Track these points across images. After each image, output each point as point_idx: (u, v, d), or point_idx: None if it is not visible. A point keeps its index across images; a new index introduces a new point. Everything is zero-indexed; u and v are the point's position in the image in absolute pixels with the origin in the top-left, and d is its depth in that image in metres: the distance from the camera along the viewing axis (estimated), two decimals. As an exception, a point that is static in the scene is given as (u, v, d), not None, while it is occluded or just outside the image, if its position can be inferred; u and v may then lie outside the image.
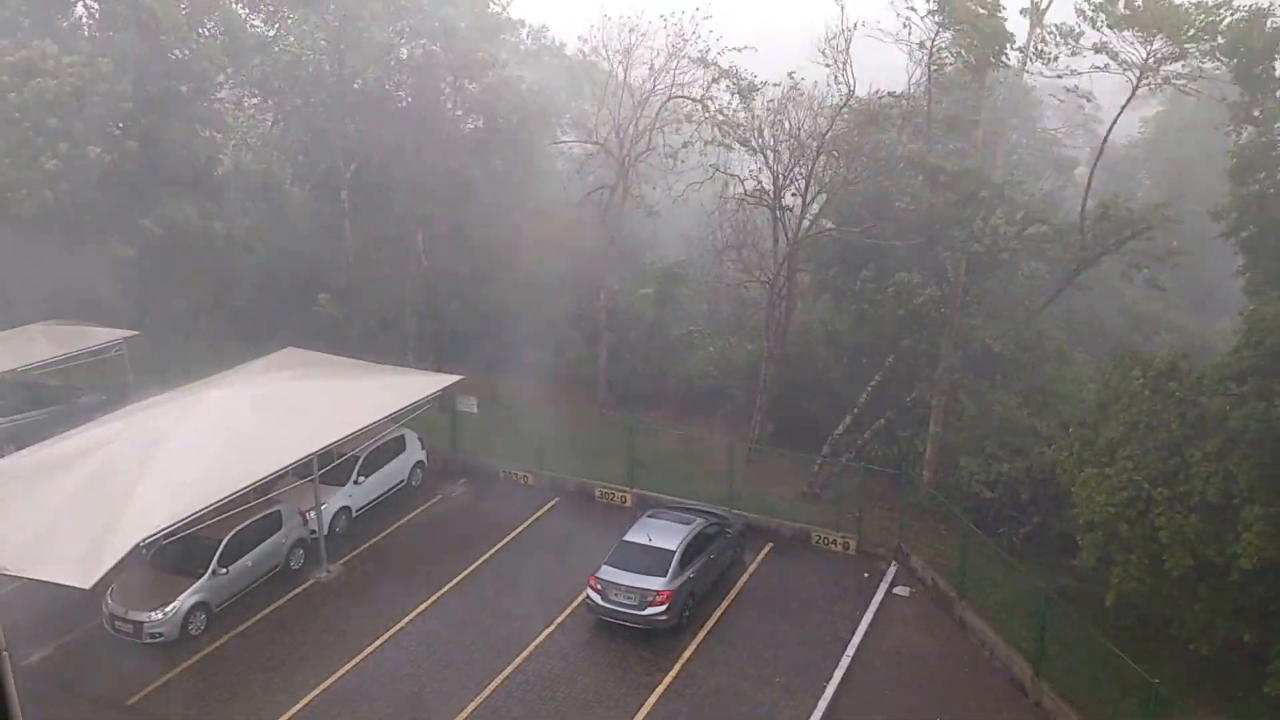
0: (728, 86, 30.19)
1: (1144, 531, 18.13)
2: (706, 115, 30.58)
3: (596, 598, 20.86)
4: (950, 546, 23.76)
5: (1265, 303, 18.58)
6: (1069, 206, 26.24)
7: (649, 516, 22.95)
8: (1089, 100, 25.64)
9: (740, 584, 23.19)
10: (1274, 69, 19.78)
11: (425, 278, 35.29)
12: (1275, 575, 16.79)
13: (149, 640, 19.93)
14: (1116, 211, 23.56)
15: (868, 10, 28.07)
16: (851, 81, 27.61)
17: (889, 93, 28.72)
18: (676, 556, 20.99)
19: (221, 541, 21.08)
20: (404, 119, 35.28)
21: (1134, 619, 20.10)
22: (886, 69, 29.73)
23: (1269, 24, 20.15)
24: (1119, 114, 24.42)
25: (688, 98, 31.85)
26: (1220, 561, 17.33)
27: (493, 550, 24.46)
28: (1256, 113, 19.99)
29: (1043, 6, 24.71)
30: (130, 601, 20.19)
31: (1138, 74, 23.19)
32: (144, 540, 18.27)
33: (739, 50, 30.18)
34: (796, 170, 28.97)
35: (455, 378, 27.60)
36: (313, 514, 23.52)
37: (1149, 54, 22.67)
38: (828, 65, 27.71)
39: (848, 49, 27.38)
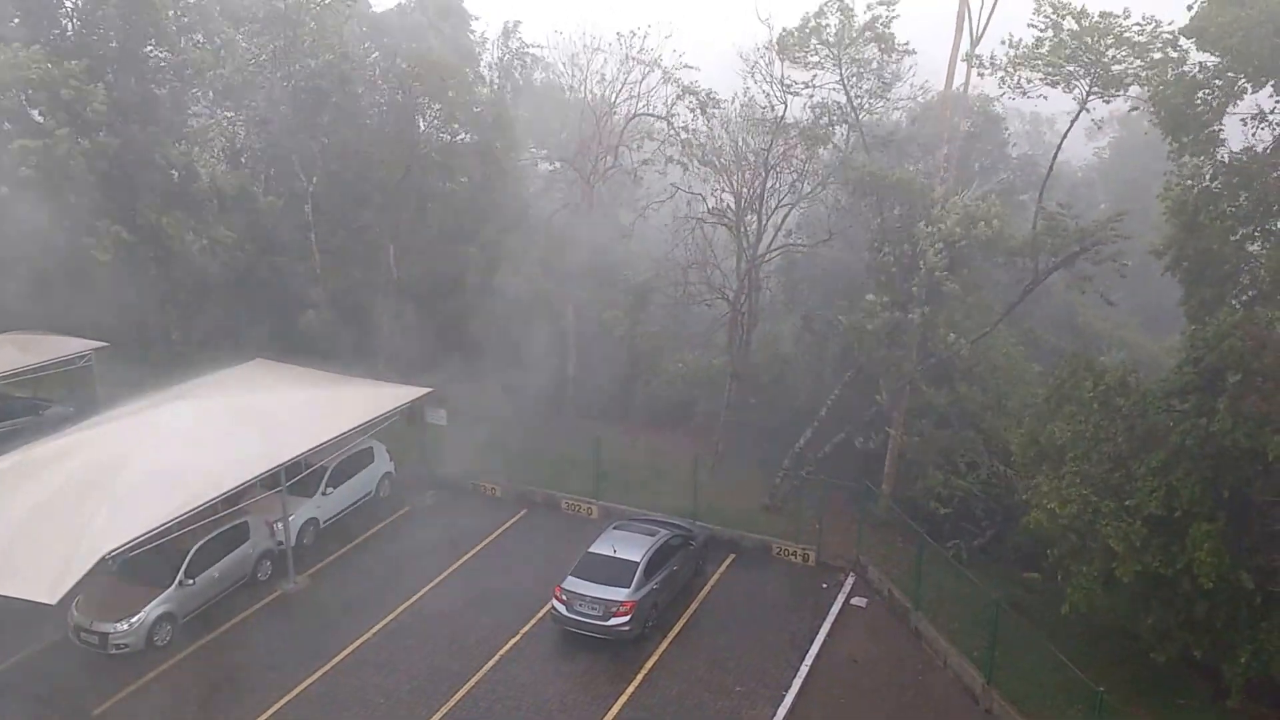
0: (689, 105, 30.77)
1: (1095, 543, 18.71)
2: (670, 133, 31.13)
3: (561, 608, 21.20)
4: (907, 558, 24.29)
5: (1204, 324, 19.29)
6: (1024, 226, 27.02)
7: (614, 528, 23.35)
8: (1050, 128, 26.51)
9: (703, 595, 23.63)
10: (1196, 115, 20.67)
11: (395, 290, 35.49)
12: (1223, 591, 17.31)
13: (114, 651, 20.00)
14: (1063, 225, 24.26)
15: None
16: (783, 99, 28.30)
17: (823, 107, 29.44)
18: (640, 568, 21.40)
19: (188, 552, 21.21)
20: (374, 133, 35.50)
21: (1087, 629, 20.71)
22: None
23: (1184, 74, 21.10)
24: (1066, 132, 25.22)
25: (652, 115, 32.40)
26: (1168, 574, 17.90)
27: (459, 561, 24.74)
28: (1185, 158, 20.99)
29: (978, 29, 25.46)
30: (95, 613, 20.25)
31: (1084, 94, 24.05)
32: (110, 552, 18.37)
33: (694, 69, 30.87)
34: (754, 187, 29.56)
35: (424, 389, 27.85)
36: (280, 525, 23.68)
37: (1090, 81, 23.53)
38: (759, 84, 28.53)
39: (774, 68, 28.29)
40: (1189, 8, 20.50)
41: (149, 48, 33.53)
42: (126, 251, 30.91)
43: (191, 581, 21.30)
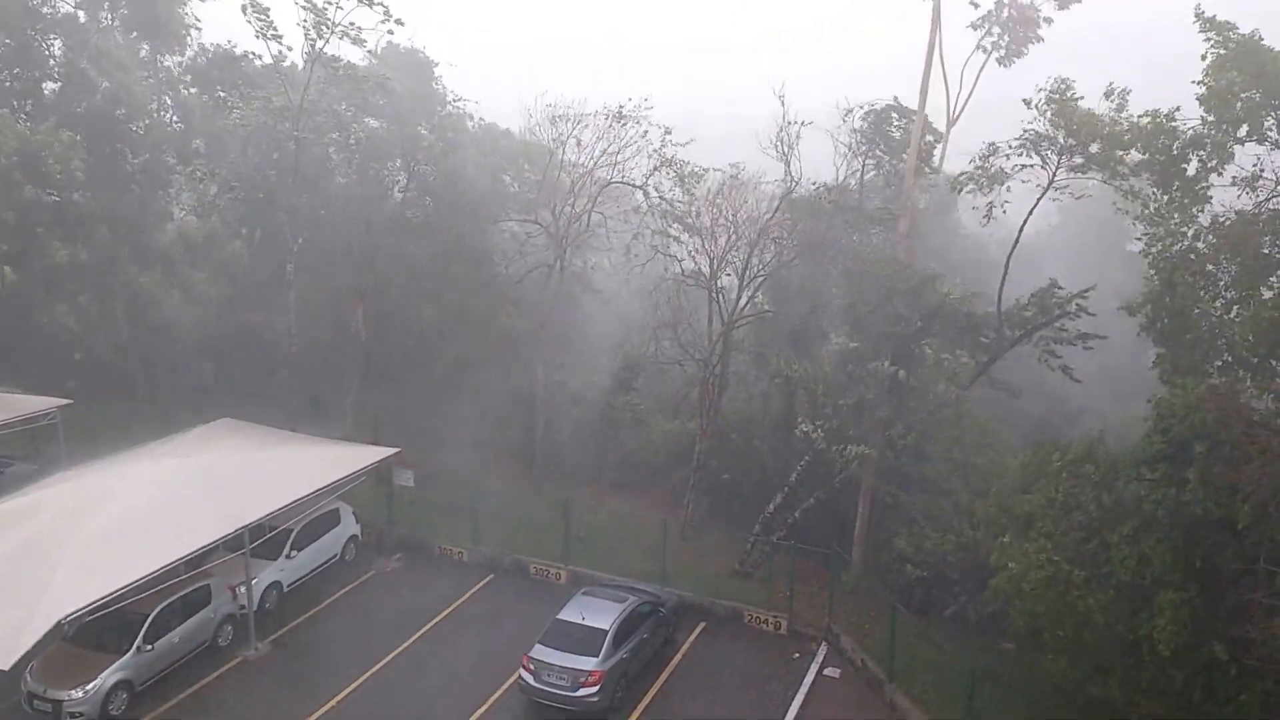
0: (668, 175, 31.24)
1: (1066, 611, 18.69)
2: (647, 201, 31.57)
3: (529, 678, 20.83)
4: (880, 626, 24.17)
5: (1173, 391, 19.37)
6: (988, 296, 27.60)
7: (583, 594, 23.07)
8: (1005, 208, 27.19)
9: (673, 664, 23.33)
10: (1186, 169, 20.81)
11: (364, 350, 35.37)
12: (1193, 661, 17.27)
13: (68, 720, 19.37)
14: (1042, 303, 24.68)
15: (803, 104, 29.64)
16: (798, 173, 28.97)
17: (824, 185, 30.04)
18: (610, 636, 21.12)
19: (147, 617, 20.72)
20: (347, 195, 35.67)
21: (1064, 700, 20.48)
22: (817, 155, 31.28)
23: (1175, 128, 21.24)
24: (1030, 211, 25.79)
25: (629, 183, 32.83)
26: (1133, 641, 17.89)
27: (425, 628, 24.31)
28: (1174, 216, 20.84)
29: (954, 115, 26.32)
30: (50, 679, 19.67)
31: (1050, 174, 24.69)
32: (66, 617, 17.94)
33: (682, 145, 31.36)
34: (732, 254, 29.96)
35: (392, 451, 27.65)
36: (243, 589, 23.22)
37: (1059, 159, 24.10)
38: (779, 159, 29.09)
39: (796, 143, 28.85)
40: (1202, 56, 20.07)
41: (121, 112, 33.62)
42: (95, 311, 30.64)
43: (150, 647, 20.78)
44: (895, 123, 31.43)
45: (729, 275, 30.68)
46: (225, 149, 35.92)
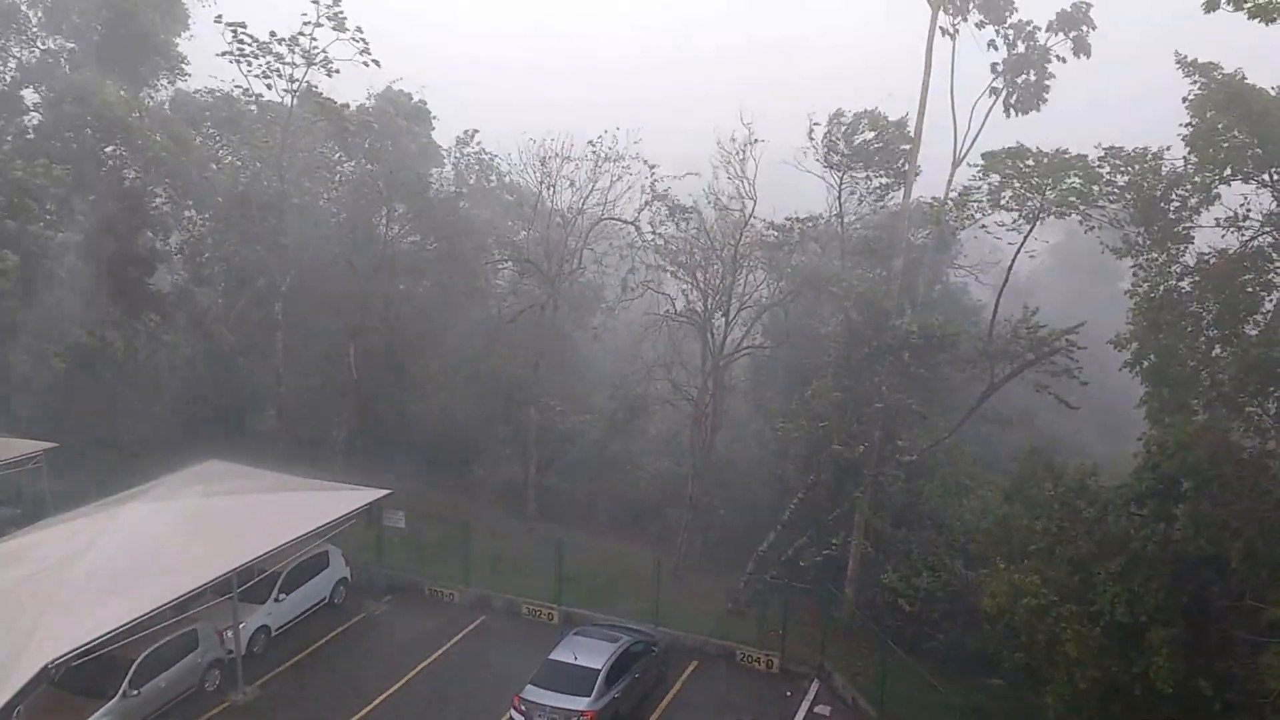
0: (659, 209, 31.50)
1: (1059, 648, 18.65)
2: (639, 237, 31.83)
3: (520, 719, 20.62)
4: (871, 663, 24.07)
5: (1163, 429, 19.51)
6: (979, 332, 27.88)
7: (575, 634, 22.93)
8: (997, 240, 27.66)
9: (665, 703, 23.13)
10: (1169, 209, 21.10)
11: (355, 391, 35.34)
12: (1180, 697, 17.21)
13: (52, 768, 19.07)
14: (1028, 336, 24.95)
15: (783, 135, 29.99)
16: (753, 195, 29.14)
17: (799, 218, 30.28)
18: (602, 675, 20.95)
19: (134, 662, 20.46)
20: (338, 235, 35.88)
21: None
22: (807, 191, 31.58)
23: (1161, 168, 21.83)
24: (1018, 250, 26.19)
25: (619, 219, 33.10)
26: (1127, 680, 17.86)
27: (416, 670, 24.04)
28: (1158, 256, 21.04)
29: (960, 155, 26.83)
30: (34, 727, 19.38)
31: (1035, 216, 25.18)
32: (52, 662, 17.71)
33: (678, 178, 31.63)
34: (722, 286, 30.09)
35: (382, 492, 27.43)
36: (230, 633, 22.97)
37: (1042, 203, 24.69)
38: (732, 179, 29.38)
39: (749, 166, 29.18)
40: (1184, 99, 20.32)
41: (110, 147, 33.76)
42: (85, 356, 30.52)
43: (136, 692, 20.49)
44: (868, 134, 30.45)
45: (720, 315, 30.83)
46: (215, 188, 36.05)
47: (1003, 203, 25.03)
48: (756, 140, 29.04)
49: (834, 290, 27.23)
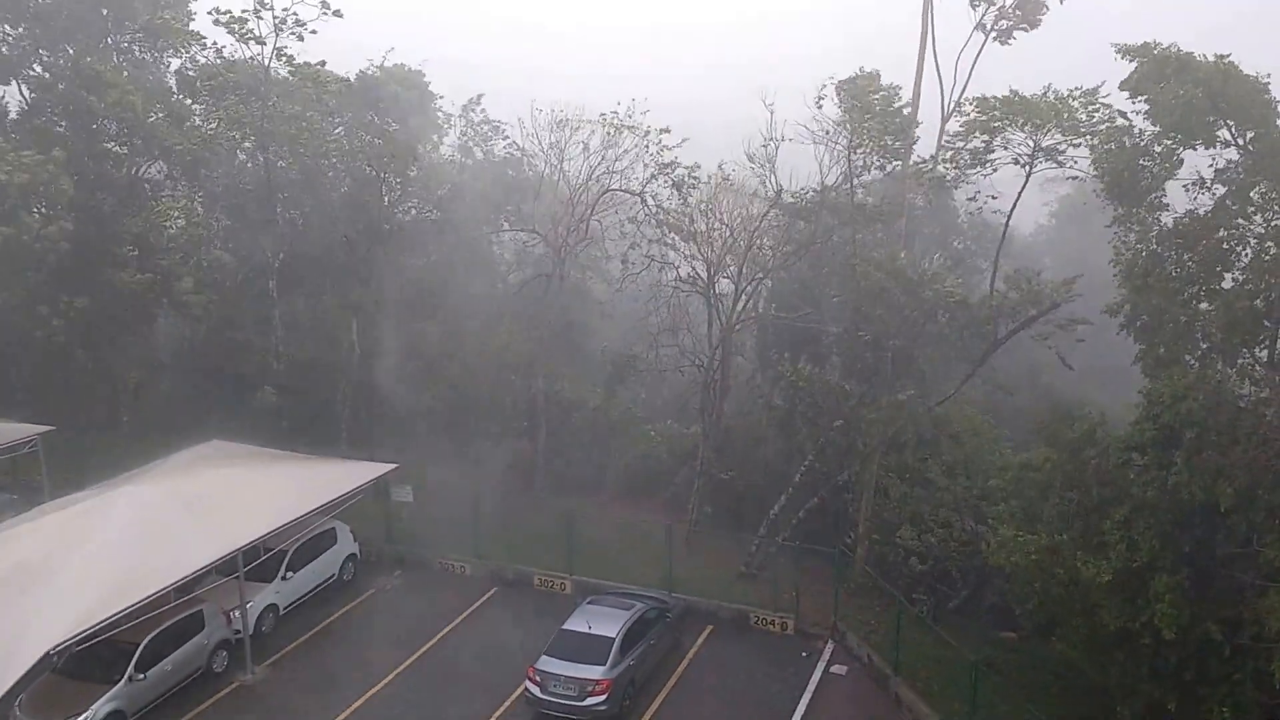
0: (665, 182, 30.92)
1: (1074, 591, 18.52)
2: (645, 210, 31.27)
3: (536, 690, 20.46)
4: (885, 622, 23.97)
5: (1160, 382, 19.64)
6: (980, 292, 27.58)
7: (588, 603, 22.72)
8: (994, 198, 27.29)
9: (681, 669, 22.95)
10: (1139, 182, 21.56)
11: (359, 365, 34.93)
12: (1187, 643, 17.21)
13: (59, 754, 18.81)
14: (1025, 287, 24.60)
15: (793, 109, 29.20)
16: (777, 184, 28.60)
17: (813, 189, 29.62)
18: (616, 644, 20.76)
19: (139, 645, 20.22)
20: (337, 206, 35.31)
21: (1066, 688, 20.50)
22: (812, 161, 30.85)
23: (1127, 141, 21.99)
24: (1016, 200, 25.82)
25: (626, 191, 32.49)
26: (1133, 627, 17.74)
27: (428, 645, 23.83)
28: (1134, 227, 21.74)
29: (949, 109, 26.31)
30: (40, 712, 19.16)
31: (1028, 165, 24.98)
32: (54, 648, 17.46)
33: (673, 148, 30.99)
34: (729, 258, 29.59)
35: (389, 466, 27.19)
36: (237, 613, 22.73)
37: (1034, 148, 24.50)
38: (757, 172, 28.72)
39: (774, 155, 28.45)
40: (1124, 81, 21.13)
41: (98, 124, 33.25)
42: (82, 328, 30.04)
43: (143, 676, 20.26)
44: (869, 91, 28.84)
45: (726, 280, 30.34)
46: (216, 160, 35.54)
47: (998, 144, 24.89)
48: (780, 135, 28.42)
49: (856, 265, 26.72)
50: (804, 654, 23.75)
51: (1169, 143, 20.97)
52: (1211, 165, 20.95)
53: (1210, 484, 16.83)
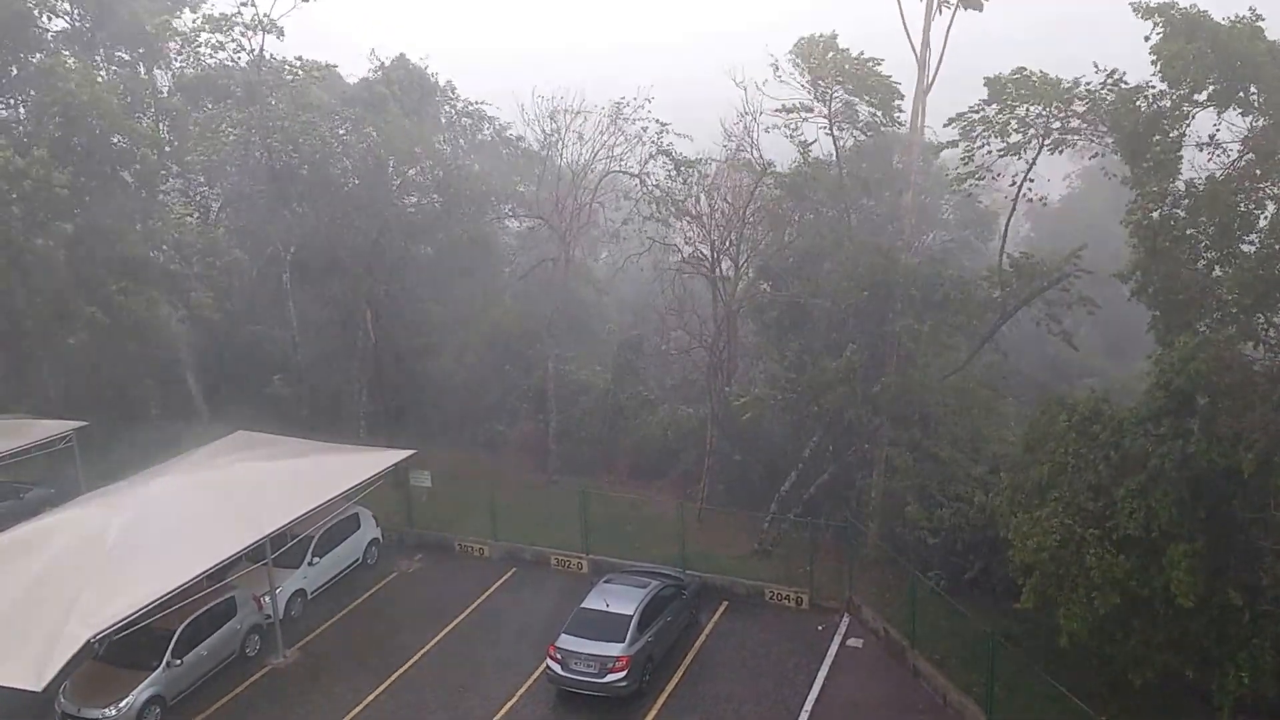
0: (663, 164, 31.25)
1: (1079, 572, 18.80)
2: (644, 192, 31.60)
3: (557, 668, 21.00)
4: (899, 595, 24.33)
5: (1171, 348, 19.50)
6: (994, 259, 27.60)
7: (605, 582, 23.24)
8: (996, 176, 27.26)
9: (698, 645, 23.49)
10: (1153, 145, 21.14)
11: (373, 354, 35.53)
12: (1204, 610, 17.39)
13: (103, 737, 19.58)
14: (1029, 267, 24.82)
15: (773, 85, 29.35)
16: (760, 158, 28.76)
17: (806, 164, 29.83)
18: (634, 621, 21.27)
19: (175, 632, 20.92)
20: (347, 200, 35.78)
21: (1081, 658, 20.65)
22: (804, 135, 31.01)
23: (1141, 104, 21.70)
24: (1025, 174, 25.78)
25: (626, 172, 32.83)
26: (1147, 596, 18.01)
27: (451, 625, 24.49)
28: (1151, 187, 21.11)
29: (929, 80, 26.32)
30: (83, 698, 19.92)
31: (1040, 138, 24.85)
32: (95, 636, 18.15)
33: (676, 134, 31.29)
34: (730, 237, 29.93)
35: (407, 452, 27.74)
36: (267, 598, 23.44)
37: (1045, 121, 24.37)
38: (738, 150, 28.93)
39: (754, 133, 28.76)
40: (1145, 38, 20.82)
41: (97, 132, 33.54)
42: (103, 333, 30.64)
43: (179, 662, 20.99)
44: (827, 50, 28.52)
45: (729, 260, 30.68)
46: (222, 163, 35.98)
47: (1013, 126, 24.70)
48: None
49: (845, 245, 26.96)
50: (820, 627, 24.19)
51: (1183, 103, 20.45)
52: (1216, 127, 20.45)
53: (1229, 450, 16.88)
